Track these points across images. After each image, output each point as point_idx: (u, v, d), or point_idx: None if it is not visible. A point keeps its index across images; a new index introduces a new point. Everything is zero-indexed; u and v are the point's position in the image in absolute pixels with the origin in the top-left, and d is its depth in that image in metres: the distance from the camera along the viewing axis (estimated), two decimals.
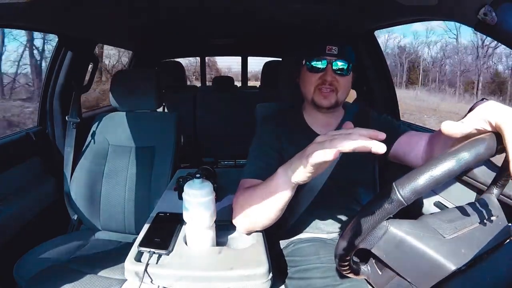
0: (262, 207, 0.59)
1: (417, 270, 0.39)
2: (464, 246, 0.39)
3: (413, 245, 0.39)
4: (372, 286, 0.49)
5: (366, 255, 0.46)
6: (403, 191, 0.35)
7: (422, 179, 0.35)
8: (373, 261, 0.46)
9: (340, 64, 0.77)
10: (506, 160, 0.34)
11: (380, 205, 0.37)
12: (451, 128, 0.38)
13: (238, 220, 0.65)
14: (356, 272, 0.47)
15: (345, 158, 0.79)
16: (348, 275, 0.47)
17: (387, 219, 0.39)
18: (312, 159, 0.43)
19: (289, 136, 0.81)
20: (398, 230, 0.39)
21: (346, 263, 0.44)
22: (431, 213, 0.45)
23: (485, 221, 0.44)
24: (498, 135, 0.35)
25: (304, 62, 0.79)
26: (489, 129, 0.36)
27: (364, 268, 0.47)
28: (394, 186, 0.36)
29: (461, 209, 0.46)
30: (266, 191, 0.57)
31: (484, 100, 0.42)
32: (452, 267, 0.37)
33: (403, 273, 0.41)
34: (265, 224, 0.63)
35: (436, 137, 0.70)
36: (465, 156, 0.34)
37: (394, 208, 0.36)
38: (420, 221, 0.43)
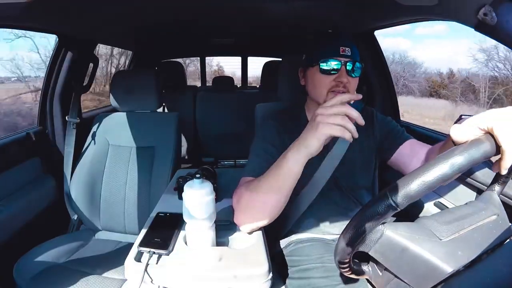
0: (272, 193, 0.61)
1: (414, 273, 0.39)
2: (461, 248, 0.39)
3: (409, 248, 0.39)
4: (373, 286, 0.49)
5: (367, 256, 0.46)
6: (395, 197, 0.36)
7: (415, 185, 0.35)
8: (373, 262, 0.46)
9: (353, 65, 0.75)
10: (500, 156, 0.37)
11: (373, 210, 0.38)
12: (459, 134, 0.41)
13: (242, 217, 0.65)
14: (357, 273, 0.47)
15: (348, 160, 0.79)
16: (349, 275, 0.47)
17: (383, 223, 0.39)
18: (324, 129, 0.53)
19: (291, 134, 0.80)
20: (394, 233, 0.39)
21: (346, 265, 0.44)
22: (429, 215, 0.45)
23: (484, 221, 0.44)
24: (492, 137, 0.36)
25: (316, 63, 0.76)
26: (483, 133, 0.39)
27: (365, 268, 0.47)
28: (387, 191, 0.37)
29: (460, 209, 0.46)
30: (276, 175, 0.60)
31: (463, 117, 0.46)
32: (448, 269, 0.37)
33: (400, 276, 0.41)
34: (272, 213, 0.64)
35: (435, 150, 0.70)
36: (459, 160, 0.34)
37: (387, 214, 0.37)
38: (416, 224, 0.42)
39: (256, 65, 3.08)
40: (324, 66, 0.75)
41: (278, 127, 0.82)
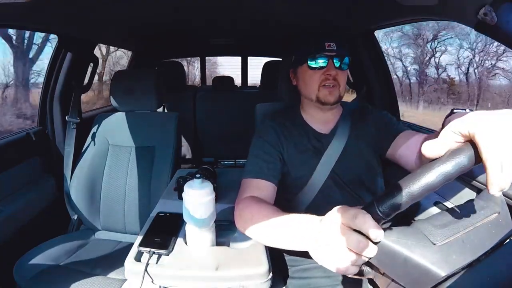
0: (267, 241, 0.57)
1: (409, 278, 0.39)
2: (456, 252, 0.39)
3: (402, 254, 0.38)
4: (374, 286, 0.49)
5: None
6: (382, 208, 0.36)
7: (400, 196, 0.35)
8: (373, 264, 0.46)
9: (340, 59, 0.78)
10: (486, 173, 0.31)
11: None
12: (432, 150, 0.36)
13: (240, 228, 0.65)
14: (359, 273, 0.47)
15: (347, 158, 0.79)
16: (352, 276, 0.47)
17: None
18: (329, 266, 0.42)
19: (288, 135, 0.82)
20: (387, 239, 0.39)
21: None
22: (424, 219, 0.44)
23: (483, 221, 0.43)
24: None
25: (304, 61, 0.80)
26: (463, 141, 0.34)
27: (367, 269, 0.47)
28: (374, 201, 0.37)
29: (457, 210, 0.45)
30: (280, 233, 0.54)
31: (455, 111, 0.42)
32: (442, 273, 0.37)
33: (397, 279, 0.41)
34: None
35: (430, 139, 0.70)
36: (446, 169, 0.34)
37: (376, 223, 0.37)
38: (411, 228, 0.42)
39: (257, 65, 3.07)
40: (312, 62, 0.78)
41: (276, 127, 0.83)
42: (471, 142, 0.34)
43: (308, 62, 0.78)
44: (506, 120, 0.31)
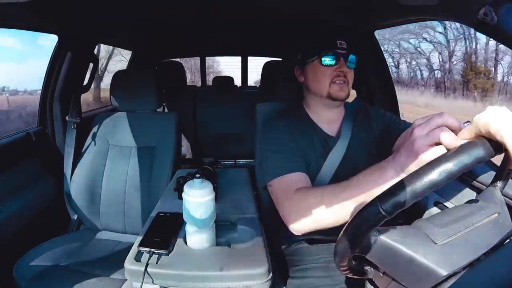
0: (347, 203, 0.57)
1: (410, 277, 0.39)
2: (457, 251, 0.39)
3: (404, 253, 0.38)
4: (375, 286, 0.49)
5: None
6: (384, 205, 0.36)
7: (403, 194, 0.35)
8: (374, 264, 0.46)
9: (350, 57, 0.81)
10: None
11: (364, 218, 0.38)
12: (451, 141, 0.39)
13: (301, 223, 0.63)
14: (359, 273, 0.47)
15: (351, 158, 0.79)
16: (352, 276, 0.47)
17: (377, 228, 0.39)
18: (426, 156, 0.44)
19: (301, 131, 0.82)
20: (388, 238, 0.39)
21: (345, 267, 0.44)
22: (425, 218, 0.44)
23: (483, 221, 0.43)
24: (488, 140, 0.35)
25: (315, 57, 0.81)
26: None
27: (367, 268, 0.47)
28: (377, 199, 0.37)
29: (458, 210, 0.45)
30: (363, 184, 0.55)
31: (468, 122, 0.42)
32: (443, 273, 0.36)
33: (397, 279, 0.41)
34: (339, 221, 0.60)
35: None
36: (448, 167, 0.34)
37: (377, 221, 0.37)
38: (412, 228, 0.42)
39: (256, 66, 3.07)
40: (325, 58, 0.80)
41: (286, 127, 0.82)
42: (474, 141, 0.35)
43: (322, 58, 0.80)
44: None
